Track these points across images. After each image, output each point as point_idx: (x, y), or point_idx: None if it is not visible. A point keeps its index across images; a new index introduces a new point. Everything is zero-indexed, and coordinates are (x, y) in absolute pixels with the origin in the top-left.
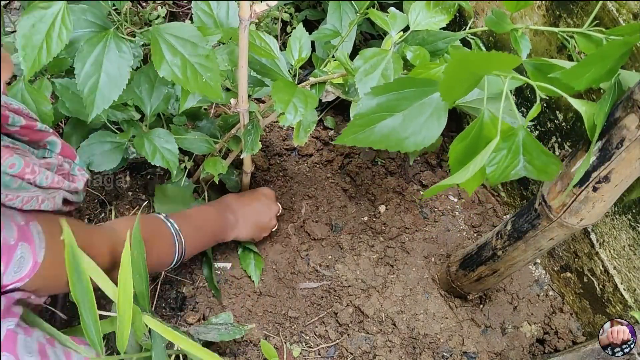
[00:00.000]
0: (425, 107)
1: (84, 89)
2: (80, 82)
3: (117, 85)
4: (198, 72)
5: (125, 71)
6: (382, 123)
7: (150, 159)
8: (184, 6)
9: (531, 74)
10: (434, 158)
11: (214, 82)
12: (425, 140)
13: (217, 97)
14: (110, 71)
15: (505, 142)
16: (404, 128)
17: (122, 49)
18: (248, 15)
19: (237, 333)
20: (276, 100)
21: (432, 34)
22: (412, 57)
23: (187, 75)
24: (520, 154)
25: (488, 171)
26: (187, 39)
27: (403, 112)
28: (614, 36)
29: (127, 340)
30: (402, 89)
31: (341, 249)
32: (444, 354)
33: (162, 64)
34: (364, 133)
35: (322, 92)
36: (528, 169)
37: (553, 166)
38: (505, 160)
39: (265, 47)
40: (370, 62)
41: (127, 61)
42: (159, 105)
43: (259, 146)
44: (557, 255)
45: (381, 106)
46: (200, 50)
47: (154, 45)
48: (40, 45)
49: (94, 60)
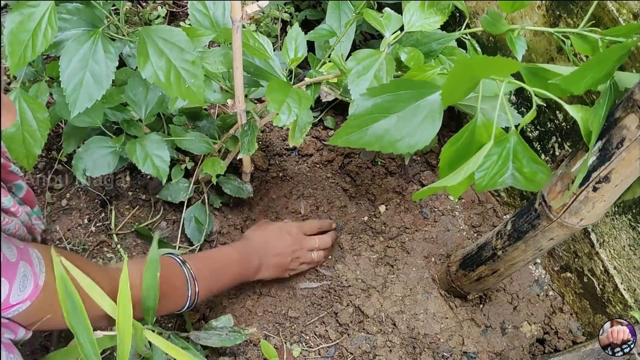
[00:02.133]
0: (420, 109)
1: (68, 87)
2: (64, 80)
3: (101, 85)
4: (182, 77)
5: (111, 71)
6: (376, 124)
7: (141, 165)
8: (184, 6)
9: (527, 79)
10: (433, 158)
11: (197, 89)
12: (419, 143)
13: (199, 103)
14: (96, 70)
15: (497, 148)
16: (398, 130)
17: (109, 49)
18: (239, 17)
19: (238, 338)
20: (270, 100)
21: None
22: (406, 58)
23: (170, 79)
24: (510, 160)
25: (477, 176)
26: (175, 43)
27: (397, 114)
28: (610, 37)
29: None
30: (398, 91)
31: (341, 249)
32: (444, 354)
33: (147, 66)
34: (357, 134)
35: (317, 93)
36: (516, 177)
37: (541, 175)
38: (495, 167)
39: (260, 48)
40: (363, 64)
41: (113, 62)
42: (154, 108)
43: (256, 147)
44: (557, 255)
45: (376, 107)
46: (186, 56)
47: (140, 45)
48: (26, 42)
49: (80, 59)
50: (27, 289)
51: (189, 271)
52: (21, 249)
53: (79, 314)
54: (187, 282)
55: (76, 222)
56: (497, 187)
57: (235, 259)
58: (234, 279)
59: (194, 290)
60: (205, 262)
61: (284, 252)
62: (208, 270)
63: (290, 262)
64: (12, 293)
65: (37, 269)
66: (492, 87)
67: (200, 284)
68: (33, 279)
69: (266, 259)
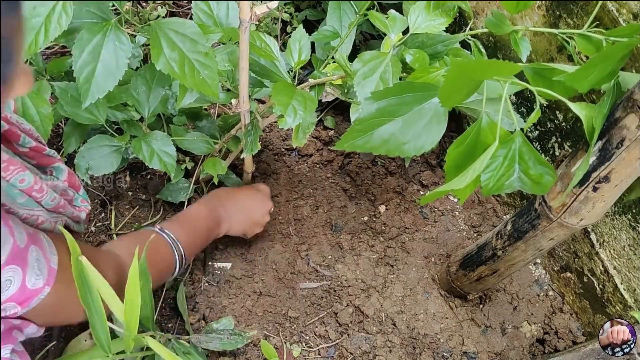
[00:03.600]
0: (424, 112)
1: (80, 77)
2: (77, 70)
3: (114, 76)
4: (196, 69)
5: (123, 62)
6: (381, 128)
7: (148, 162)
8: (184, 6)
9: (531, 78)
10: (434, 158)
11: (211, 80)
12: (425, 145)
13: (214, 95)
14: (108, 61)
15: (502, 149)
16: (404, 133)
17: (122, 40)
18: (248, 17)
19: (239, 342)
20: (276, 102)
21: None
22: (411, 60)
23: (184, 70)
24: (516, 162)
25: (483, 179)
26: (187, 35)
27: (403, 117)
28: (613, 37)
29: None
30: (402, 94)
31: (341, 249)
32: (444, 354)
33: (160, 58)
34: (363, 138)
35: (321, 94)
36: (523, 180)
37: (548, 177)
38: (501, 169)
39: (266, 49)
40: (369, 65)
41: (126, 52)
42: (157, 107)
43: (259, 147)
44: (557, 255)
45: (381, 111)
46: (199, 47)
47: (153, 39)
48: (39, 28)
49: (92, 49)
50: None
51: (170, 237)
52: (31, 234)
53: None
54: (172, 247)
55: None
56: (504, 191)
57: (204, 214)
58: (209, 233)
59: (180, 253)
60: (181, 224)
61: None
62: (185, 232)
63: (261, 218)
64: (27, 278)
65: (49, 253)
66: (496, 88)
67: (182, 244)
68: (46, 263)
69: (236, 213)
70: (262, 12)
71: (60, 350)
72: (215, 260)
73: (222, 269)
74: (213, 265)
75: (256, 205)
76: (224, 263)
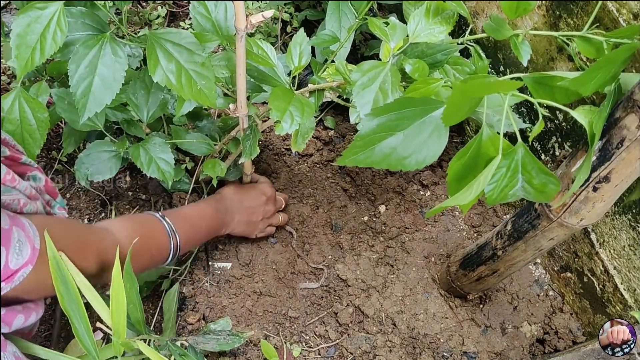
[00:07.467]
0: (425, 126)
1: (77, 92)
2: (73, 84)
3: (111, 89)
4: (193, 79)
5: (120, 75)
6: (382, 143)
7: (146, 169)
8: (184, 6)
9: (532, 88)
10: None
11: (209, 90)
12: (427, 159)
13: (211, 105)
14: (105, 75)
15: (505, 160)
16: (405, 147)
17: (118, 53)
18: (244, 26)
19: (237, 342)
20: (273, 108)
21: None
22: (411, 70)
23: (181, 82)
24: (519, 172)
25: (487, 190)
26: (183, 45)
27: (403, 132)
28: (614, 39)
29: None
30: (402, 109)
31: (341, 248)
32: (444, 354)
33: (157, 70)
34: (364, 153)
35: (321, 100)
36: (526, 189)
37: (552, 186)
38: (505, 179)
39: (263, 55)
40: (368, 75)
41: (122, 65)
42: (156, 111)
43: (257, 151)
44: (557, 255)
45: (381, 126)
46: (196, 58)
47: (149, 50)
48: (34, 45)
49: (89, 63)
50: (24, 253)
51: (170, 226)
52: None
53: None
54: (169, 235)
55: None
56: (508, 200)
57: (208, 213)
58: (209, 232)
59: (175, 243)
60: (182, 216)
61: (257, 211)
62: (185, 225)
63: (261, 221)
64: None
65: (31, 233)
66: (497, 100)
67: (180, 236)
68: (29, 243)
69: (239, 215)
70: (258, 21)
71: (60, 350)
72: (216, 260)
73: (222, 269)
74: (213, 265)
75: (257, 209)
76: (224, 263)
